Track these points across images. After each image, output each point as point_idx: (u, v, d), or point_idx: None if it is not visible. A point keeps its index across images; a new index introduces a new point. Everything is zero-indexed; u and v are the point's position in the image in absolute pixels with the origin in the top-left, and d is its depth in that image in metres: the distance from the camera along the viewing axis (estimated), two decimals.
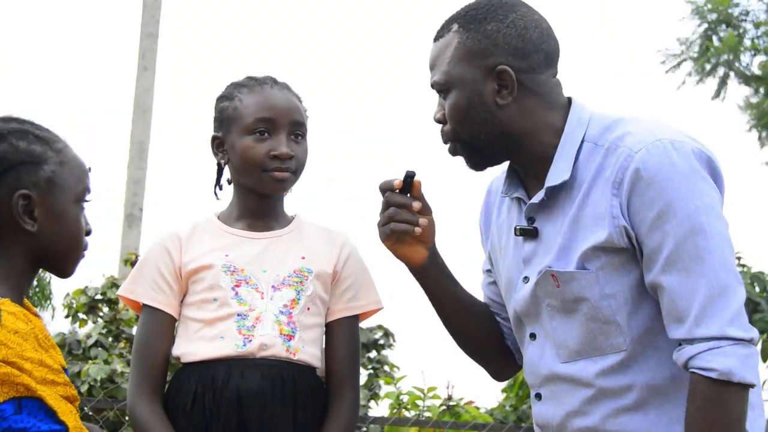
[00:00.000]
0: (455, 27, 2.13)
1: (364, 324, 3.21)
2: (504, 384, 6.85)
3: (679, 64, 15.66)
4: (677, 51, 15.70)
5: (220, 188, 2.46)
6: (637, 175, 1.98)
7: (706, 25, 15.40)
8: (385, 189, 2.20)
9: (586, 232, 2.04)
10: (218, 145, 2.40)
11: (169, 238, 2.36)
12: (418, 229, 2.17)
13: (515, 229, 2.17)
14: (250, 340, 2.26)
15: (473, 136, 2.12)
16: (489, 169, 2.22)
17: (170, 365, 2.35)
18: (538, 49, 2.11)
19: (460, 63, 2.11)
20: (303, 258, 2.34)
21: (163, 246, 2.35)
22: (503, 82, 2.09)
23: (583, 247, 2.04)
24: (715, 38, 15.43)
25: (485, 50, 2.10)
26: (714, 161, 2.03)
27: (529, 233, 2.14)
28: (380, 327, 7.44)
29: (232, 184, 2.43)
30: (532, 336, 2.17)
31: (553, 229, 2.10)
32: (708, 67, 15.13)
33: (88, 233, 2.01)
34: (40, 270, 2.03)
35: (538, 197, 2.12)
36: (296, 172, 2.35)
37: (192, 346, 2.28)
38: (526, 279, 2.15)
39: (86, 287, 6.70)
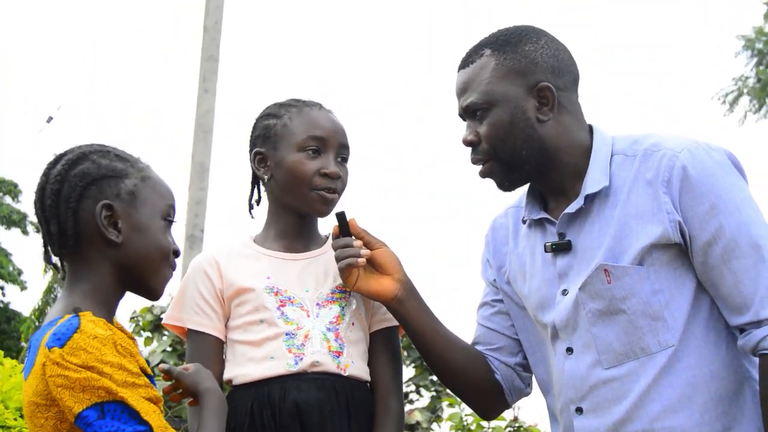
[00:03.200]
0: (487, 51, 2.23)
1: None
2: None
3: (736, 100, 15.51)
4: (732, 88, 15.56)
5: (257, 203, 2.46)
6: (685, 172, 2.09)
7: (756, 58, 15.32)
8: (333, 245, 2.32)
9: (637, 231, 2.12)
10: (260, 160, 2.40)
11: (206, 262, 2.36)
12: (361, 260, 2.28)
13: (546, 246, 2.23)
14: (302, 359, 2.27)
15: (514, 152, 2.20)
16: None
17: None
18: (569, 70, 2.24)
19: (500, 82, 2.20)
20: None
21: (202, 270, 2.35)
22: (544, 99, 2.20)
23: (639, 245, 2.11)
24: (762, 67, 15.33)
25: (525, 69, 2.21)
26: (738, 161, 2.17)
27: (563, 247, 2.20)
28: None
29: (269, 204, 2.43)
30: (569, 350, 2.20)
31: (588, 237, 2.18)
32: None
33: (176, 254, 2.02)
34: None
35: (574, 207, 2.19)
36: (339, 194, 2.38)
37: (242, 368, 2.29)
38: (564, 292, 2.21)
39: (152, 306, 6.77)
